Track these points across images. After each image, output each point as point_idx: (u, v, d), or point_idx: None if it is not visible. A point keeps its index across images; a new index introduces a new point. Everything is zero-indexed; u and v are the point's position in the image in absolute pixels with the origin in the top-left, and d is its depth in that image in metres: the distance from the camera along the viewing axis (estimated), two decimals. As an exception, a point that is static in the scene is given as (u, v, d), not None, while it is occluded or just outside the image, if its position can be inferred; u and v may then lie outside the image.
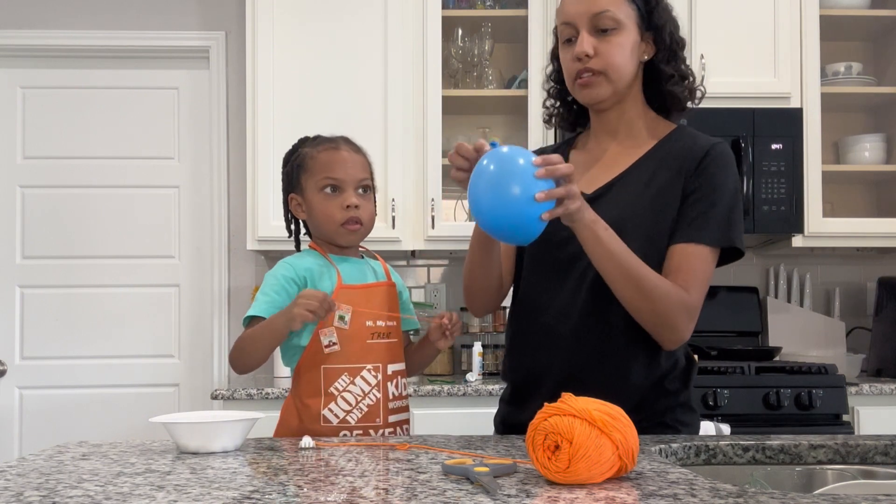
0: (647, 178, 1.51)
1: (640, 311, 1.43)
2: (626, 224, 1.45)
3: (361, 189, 1.67)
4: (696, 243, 1.45)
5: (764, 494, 0.93)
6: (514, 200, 1.25)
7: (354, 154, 1.69)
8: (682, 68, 1.55)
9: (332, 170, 1.65)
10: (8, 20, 3.41)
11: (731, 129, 2.96)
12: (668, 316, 1.42)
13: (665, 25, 1.52)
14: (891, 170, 3.24)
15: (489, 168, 1.27)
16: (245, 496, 0.96)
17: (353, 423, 1.59)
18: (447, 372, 3.14)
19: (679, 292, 1.42)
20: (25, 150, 3.45)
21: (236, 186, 3.39)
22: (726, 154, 1.51)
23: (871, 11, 3.23)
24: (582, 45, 1.49)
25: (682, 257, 1.45)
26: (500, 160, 1.28)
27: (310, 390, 1.61)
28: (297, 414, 1.63)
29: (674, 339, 1.45)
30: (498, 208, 1.26)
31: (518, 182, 1.25)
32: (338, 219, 1.64)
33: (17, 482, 1.06)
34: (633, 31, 1.50)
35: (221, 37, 3.43)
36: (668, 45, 1.52)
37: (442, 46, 3.10)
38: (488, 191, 1.27)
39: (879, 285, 3.18)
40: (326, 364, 1.60)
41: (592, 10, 1.48)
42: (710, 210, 1.46)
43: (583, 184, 1.55)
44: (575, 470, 0.99)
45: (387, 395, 1.61)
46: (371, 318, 1.62)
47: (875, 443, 1.35)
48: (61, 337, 3.41)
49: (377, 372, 1.61)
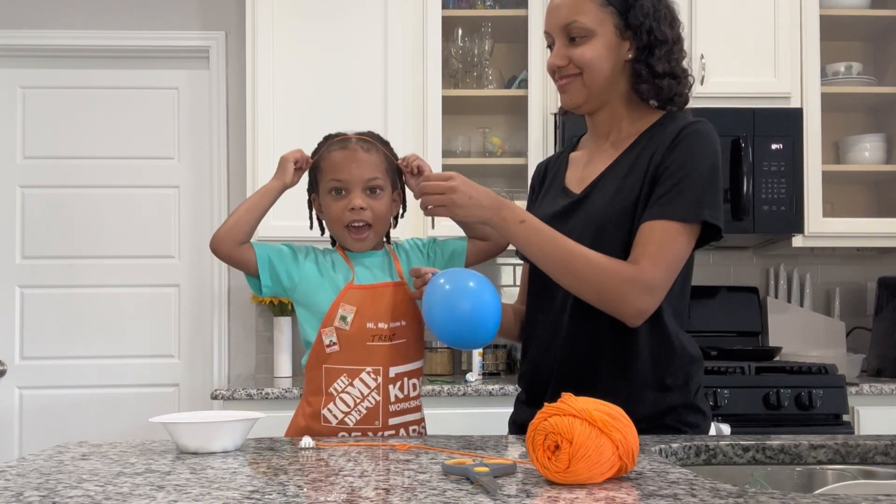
0: (624, 173, 1.51)
1: (580, 293, 1.45)
2: (605, 224, 1.48)
3: (370, 189, 1.64)
4: (661, 219, 1.42)
5: (764, 494, 0.93)
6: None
7: (365, 153, 1.65)
8: (657, 66, 1.51)
9: (337, 171, 1.64)
10: (8, 20, 3.41)
11: (731, 129, 2.96)
12: (609, 292, 1.41)
13: (642, 24, 1.51)
14: (891, 170, 3.24)
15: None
16: (245, 496, 0.96)
17: (351, 424, 1.59)
18: (447, 372, 3.14)
19: (622, 266, 1.41)
20: (25, 150, 3.44)
21: (236, 186, 3.38)
22: (702, 132, 1.48)
23: (871, 11, 3.23)
24: (554, 57, 1.56)
25: (643, 233, 1.43)
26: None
27: (312, 388, 1.62)
28: (302, 412, 1.64)
29: (628, 313, 1.42)
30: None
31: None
32: (343, 220, 1.63)
33: (17, 482, 1.06)
34: (609, 35, 1.52)
35: (221, 37, 3.43)
36: (645, 43, 1.52)
37: (442, 46, 3.10)
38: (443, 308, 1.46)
39: (879, 285, 3.18)
40: (328, 364, 1.60)
41: (563, 21, 1.54)
42: (679, 186, 1.43)
43: (574, 184, 1.60)
44: (575, 470, 0.99)
45: (387, 398, 1.60)
46: (372, 321, 1.60)
47: (875, 443, 1.35)
48: (61, 337, 3.41)
49: (377, 375, 1.60)
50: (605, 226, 1.48)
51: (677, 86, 1.54)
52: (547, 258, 1.44)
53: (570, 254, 1.42)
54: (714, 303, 3.29)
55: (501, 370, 3.18)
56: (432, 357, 3.11)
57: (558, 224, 1.54)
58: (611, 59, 1.52)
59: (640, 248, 1.42)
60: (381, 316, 1.61)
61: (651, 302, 1.42)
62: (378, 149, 1.67)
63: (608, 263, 1.42)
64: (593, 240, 1.47)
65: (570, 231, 1.51)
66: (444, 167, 3.05)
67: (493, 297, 1.46)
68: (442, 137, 3.07)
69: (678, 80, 1.54)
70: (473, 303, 1.43)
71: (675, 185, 1.43)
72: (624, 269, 1.41)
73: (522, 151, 3.17)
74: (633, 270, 1.41)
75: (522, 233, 1.44)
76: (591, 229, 1.49)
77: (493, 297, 1.46)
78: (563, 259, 1.42)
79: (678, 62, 1.54)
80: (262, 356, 3.36)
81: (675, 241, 1.43)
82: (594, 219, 1.49)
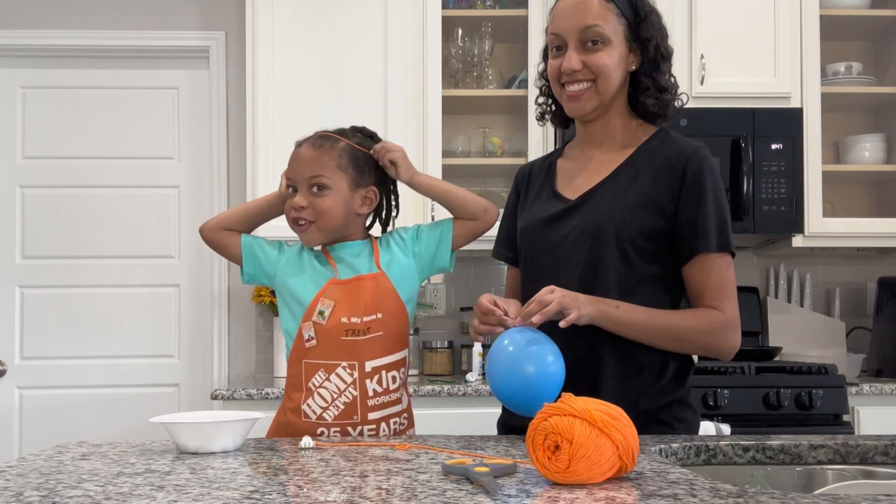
0: (626, 184, 1.54)
1: (685, 351, 1.53)
2: (605, 229, 1.50)
3: (317, 187, 1.63)
4: (707, 253, 1.49)
5: (764, 494, 0.93)
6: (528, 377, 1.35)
7: (314, 151, 1.64)
8: (661, 80, 1.58)
9: (288, 169, 1.68)
10: (8, 20, 3.41)
11: (731, 129, 2.96)
12: (714, 346, 1.50)
13: (652, 38, 1.55)
14: (891, 170, 3.24)
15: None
16: (245, 496, 0.96)
17: (329, 420, 1.60)
18: (447, 372, 3.14)
19: (713, 318, 1.49)
20: (25, 150, 3.44)
21: (236, 186, 3.38)
22: (708, 159, 1.54)
23: (871, 11, 3.23)
24: (570, 61, 1.54)
25: (701, 274, 1.50)
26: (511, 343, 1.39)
27: (293, 383, 1.64)
28: (283, 407, 1.66)
29: (726, 354, 1.52)
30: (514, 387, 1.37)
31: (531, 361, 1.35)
32: (290, 217, 1.66)
33: (17, 482, 1.06)
34: (621, 44, 1.54)
35: (221, 37, 3.43)
36: (652, 57, 1.56)
37: (442, 46, 3.10)
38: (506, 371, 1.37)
39: (879, 285, 3.18)
40: (307, 359, 1.62)
41: (582, 24, 1.52)
42: (715, 217, 1.50)
43: (568, 191, 1.61)
44: (575, 470, 0.99)
45: (365, 393, 1.60)
46: (346, 316, 1.61)
47: (875, 443, 1.35)
48: (61, 337, 3.41)
49: (352, 370, 1.60)
50: (604, 232, 1.51)
51: (673, 99, 1.60)
52: (650, 331, 1.48)
53: (668, 323, 1.49)
54: (714, 303, 3.28)
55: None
56: (432, 357, 3.11)
57: (553, 227, 1.56)
58: (621, 69, 1.55)
59: (710, 291, 1.50)
60: (356, 310, 1.61)
61: (739, 336, 1.52)
62: (333, 146, 1.65)
63: (701, 318, 1.50)
64: (592, 244, 1.51)
65: (567, 234, 1.53)
66: (444, 167, 3.05)
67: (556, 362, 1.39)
68: (442, 137, 3.07)
69: (674, 95, 1.60)
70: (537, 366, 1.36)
71: (711, 218, 1.49)
72: (715, 321, 1.49)
73: (522, 151, 3.17)
74: (721, 318, 1.49)
75: (623, 315, 1.46)
76: (589, 234, 1.52)
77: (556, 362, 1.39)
78: (663, 329, 1.48)
79: (670, 79, 1.60)
80: (262, 356, 3.37)
81: (730, 271, 1.53)
82: (593, 223, 1.52)
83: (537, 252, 1.59)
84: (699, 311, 1.50)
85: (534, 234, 1.60)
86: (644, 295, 1.50)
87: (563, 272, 1.53)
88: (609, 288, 1.49)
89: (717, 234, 1.49)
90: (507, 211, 1.75)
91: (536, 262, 1.60)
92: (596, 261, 1.51)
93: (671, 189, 1.51)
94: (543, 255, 1.58)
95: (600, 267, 1.50)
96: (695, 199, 1.50)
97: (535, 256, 1.60)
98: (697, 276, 1.51)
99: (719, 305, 1.49)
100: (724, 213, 1.52)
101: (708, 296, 1.50)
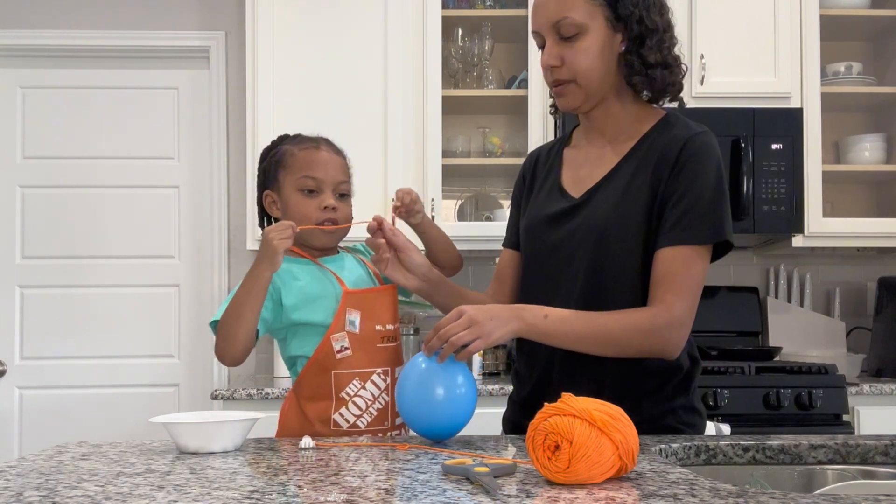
0: (628, 181, 1.49)
1: (625, 355, 1.44)
2: (609, 231, 1.47)
3: (340, 194, 1.64)
4: (681, 245, 1.42)
5: (764, 494, 0.93)
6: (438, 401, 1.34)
7: (335, 156, 1.66)
8: (648, 57, 1.47)
9: (312, 169, 1.62)
10: (8, 20, 3.41)
11: (731, 129, 2.96)
12: (655, 347, 1.42)
13: (632, 13, 1.46)
14: (891, 170, 3.24)
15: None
16: (245, 496, 0.96)
17: (363, 427, 1.58)
18: (447, 372, 3.13)
19: (653, 317, 1.40)
20: (25, 150, 3.45)
21: (236, 186, 3.39)
22: (704, 145, 1.46)
23: (871, 11, 3.23)
24: (548, 56, 1.50)
25: (666, 264, 1.42)
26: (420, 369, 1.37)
27: (318, 394, 1.59)
28: (297, 419, 1.61)
29: (670, 355, 1.44)
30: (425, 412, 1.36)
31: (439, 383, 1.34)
32: (314, 219, 1.61)
33: (17, 482, 1.06)
34: (601, 28, 1.47)
35: (221, 37, 3.43)
36: (636, 33, 1.47)
37: (442, 46, 3.10)
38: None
39: (879, 285, 3.18)
40: (337, 369, 1.58)
41: (552, 18, 1.48)
42: (693, 208, 1.42)
43: (572, 186, 1.57)
44: (575, 470, 0.98)
45: (395, 399, 1.60)
46: (380, 323, 1.61)
47: (875, 443, 1.35)
48: (61, 337, 3.41)
49: (386, 376, 1.60)
50: (607, 233, 1.47)
51: (670, 75, 1.50)
52: (582, 340, 1.41)
53: (601, 327, 1.41)
54: (714, 303, 3.28)
55: (501, 370, 3.18)
56: (432, 357, 3.11)
57: (556, 226, 1.54)
58: (604, 55, 1.48)
59: (662, 282, 1.41)
60: (384, 318, 1.62)
61: (684, 334, 1.43)
62: (343, 154, 1.69)
63: (638, 318, 1.41)
64: (596, 246, 1.47)
65: (571, 235, 1.51)
66: (444, 167, 3.06)
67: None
68: (442, 137, 3.07)
69: (670, 70, 1.50)
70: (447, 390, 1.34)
71: (688, 209, 1.42)
72: (654, 317, 1.40)
73: (522, 151, 3.17)
74: (662, 313, 1.40)
75: (551, 326, 1.41)
76: (593, 236, 1.48)
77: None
78: (596, 335, 1.41)
79: (670, 50, 1.50)
80: (262, 356, 3.36)
81: (694, 266, 1.42)
82: (596, 225, 1.48)
83: (540, 250, 1.57)
84: (638, 311, 1.42)
85: (536, 232, 1.59)
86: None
87: (566, 271, 1.51)
88: (615, 288, 1.46)
89: (707, 226, 1.42)
90: (514, 197, 1.73)
91: (538, 259, 1.58)
92: (600, 262, 1.48)
93: (664, 181, 1.45)
94: (546, 253, 1.56)
95: (604, 269, 1.47)
96: (675, 188, 1.43)
97: (538, 254, 1.58)
98: (664, 264, 1.42)
99: (666, 299, 1.40)
100: (713, 203, 1.42)
101: (661, 289, 1.41)
